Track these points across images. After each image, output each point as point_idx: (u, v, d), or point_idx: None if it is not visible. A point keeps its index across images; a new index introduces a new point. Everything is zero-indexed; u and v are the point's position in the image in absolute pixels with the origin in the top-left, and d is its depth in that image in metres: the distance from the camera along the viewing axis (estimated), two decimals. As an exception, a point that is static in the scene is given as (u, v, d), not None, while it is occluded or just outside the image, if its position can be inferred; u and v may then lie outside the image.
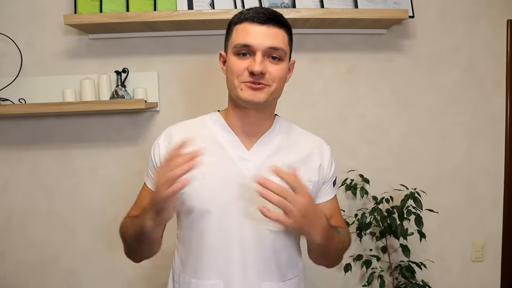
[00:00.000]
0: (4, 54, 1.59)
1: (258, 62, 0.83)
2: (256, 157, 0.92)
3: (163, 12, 1.44)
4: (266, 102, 0.88)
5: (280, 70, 0.87)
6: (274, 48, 0.85)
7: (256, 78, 0.85)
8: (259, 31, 0.85)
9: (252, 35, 0.85)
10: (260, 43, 0.84)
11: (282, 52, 0.87)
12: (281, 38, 0.87)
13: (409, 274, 1.58)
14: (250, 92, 0.85)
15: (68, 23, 1.44)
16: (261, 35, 0.85)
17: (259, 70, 0.83)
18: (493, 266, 1.78)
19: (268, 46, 0.85)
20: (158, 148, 0.96)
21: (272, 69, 0.86)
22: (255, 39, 0.84)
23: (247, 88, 0.86)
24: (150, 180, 0.98)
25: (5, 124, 1.64)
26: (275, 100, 0.95)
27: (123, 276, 1.68)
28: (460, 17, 1.69)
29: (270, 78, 0.86)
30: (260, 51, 0.85)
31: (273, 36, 0.85)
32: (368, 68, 1.68)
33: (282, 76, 0.89)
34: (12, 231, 1.66)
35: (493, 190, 1.76)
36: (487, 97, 1.73)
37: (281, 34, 0.87)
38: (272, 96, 0.88)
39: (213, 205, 0.88)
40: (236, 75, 0.86)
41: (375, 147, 1.71)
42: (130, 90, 1.58)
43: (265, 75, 0.85)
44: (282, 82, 0.90)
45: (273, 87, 0.87)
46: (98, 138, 1.65)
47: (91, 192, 1.66)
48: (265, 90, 0.86)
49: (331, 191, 1.01)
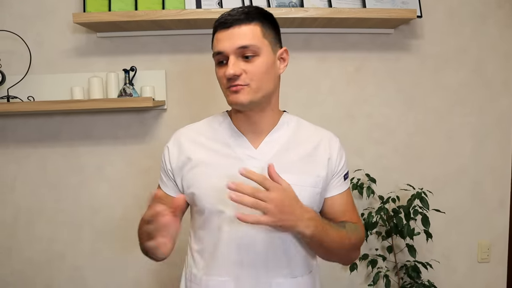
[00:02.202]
0: (13, 52, 1.60)
1: (230, 66, 0.84)
2: (263, 155, 0.92)
3: (171, 11, 1.44)
4: (252, 101, 0.87)
5: (257, 67, 0.86)
6: (243, 47, 0.84)
7: (231, 82, 0.85)
8: (227, 35, 0.85)
9: (221, 41, 0.86)
10: (229, 46, 0.85)
11: (254, 48, 0.85)
12: (250, 34, 0.85)
13: (415, 274, 1.57)
14: (233, 96, 0.86)
15: (77, 21, 1.45)
16: (228, 38, 0.85)
17: (230, 74, 0.84)
18: (500, 267, 1.77)
19: (236, 47, 0.84)
20: (168, 152, 0.98)
21: (248, 68, 0.85)
22: (224, 44, 0.85)
23: (230, 92, 0.87)
24: (162, 182, 1.01)
25: (14, 122, 1.65)
26: (268, 97, 0.92)
27: (131, 273, 1.68)
28: (468, 18, 1.69)
29: (247, 77, 0.85)
30: (232, 54, 0.85)
31: (241, 35, 0.85)
32: (375, 68, 1.68)
33: (261, 71, 0.86)
34: (19, 228, 1.67)
35: (499, 191, 1.75)
36: (495, 98, 1.72)
37: (250, 30, 0.85)
38: (258, 93, 0.87)
39: (225, 204, 0.88)
40: (221, 83, 0.89)
41: (381, 146, 1.71)
42: (138, 88, 1.59)
43: (240, 76, 0.85)
44: (266, 76, 0.87)
45: (254, 85, 0.86)
46: (105, 136, 1.66)
47: (97, 190, 1.67)
48: (245, 91, 0.86)
49: (342, 184, 0.98)
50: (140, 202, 1.64)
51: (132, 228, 1.66)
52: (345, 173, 1.00)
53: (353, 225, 0.95)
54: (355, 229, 0.94)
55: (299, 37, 1.65)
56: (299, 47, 1.65)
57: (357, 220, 0.99)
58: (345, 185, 0.99)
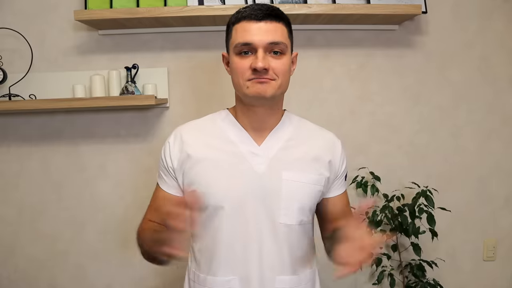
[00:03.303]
0: (14, 50, 1.59)
1: (261, 59, 0.83)
2: (267, 152, 0.92)
3: (173, 8, 1.43)
4: (274, 96, 0.88)
5: (283, 64, 0.87)
6: (274, 43, 0.85)
7: (260, 75, 0.85)
8: (258, 28, 0.85)
9: (252, 33, 0.85)
10: (260, 39, 0.84)
11: (283, 46, 0.86)
12: (280, 32, 0.86)
13: (419, 273, 1.56)
14: (258, 86, 0.85)
15: (78, 18, 1.44)
16: (260, 31, 0.84)
17: (262, 67, 0.83)
18: (506, 265, 1.75)
19: (268, 41, 0.84)
20: (169, 147, 0.96)
21: (275, 64, 0.86)
22: (255, 36, 0.84)
23: (254, 83, 0.85)
24: (162, 180, 0.98)
25: (16, 120, 1.64)
26: (282, 95, 0.94)
27: (134, 271, 1.68)
28: (473, 13, 1.66)
29: (274, 73, 0.86)
30: (261, 47, 0.84)
31: (273, 31, 0.85)
32: (379, 65, 1.66)
33: (286, 69, 0.88)
34: (22, 226, 1.67)
35: (505, 189, 1.73)
36: (500, 95, 1.70)
37: (280, 28, 0.87)
38: (279, 90, 0.88)
39: (226, 201, 0.88)
40: (240, 75, 0.87)
41: (386, 144, 1.69)
42: (140, 86, 1.58)
43: (268, 70, 0.85)
44: (287, 76, 0.90)
45: (279, 81, 0.87)
46: (107, 134, 1.65)
47: (100, 188, 1.66)
48: (271, 85, 0.86)
49: (343, 185, 1.02)
50: (143, 201, 1.61)
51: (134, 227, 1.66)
52: (345, 174, 1.03)
53: None
54: None
55: (302, 34, 1.63)
56: (302, 44, 1.63)
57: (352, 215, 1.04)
58: (344, 186, 1.03)
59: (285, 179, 0.90)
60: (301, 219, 0.91)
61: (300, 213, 0.91)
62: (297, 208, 0.90)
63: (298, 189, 0.90)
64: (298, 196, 0.91)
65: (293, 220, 0.90)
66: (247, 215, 0.88)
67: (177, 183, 0.95)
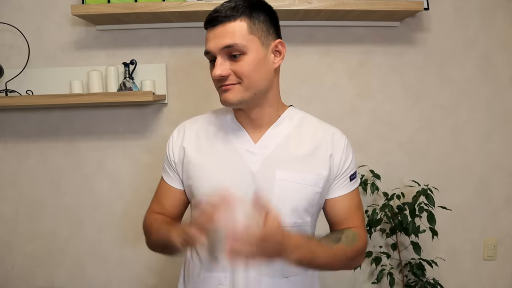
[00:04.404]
0: (11, 45, 1.58)
1: (217, 66, 0.82)
2: (262, 150, 0.90)
3: (172, 3, 1.41)
4: (242, 99, 0.84)
5: (244, 66, 0.82)
6: (227, 47, 0.81)
7: (221, 82, 0.84)
8: (213, 34, 0.83)
9: (208, 41, 0.84)
10: (214, 46, 0.82)
11: (239, 47, 0.81)
12: (236, 32, 0.81)
13: (419, 272, 1.55)
14: (223, 95, 0.85)
15: (75, 13, 1.42)
16: (215, 38, 0.82)
17: (217, 75, 0.82)
18: (506, 264, 1.74)
19: (222, 46, 0.82)
20: (172, 141, 0.98)
21: (235, 67, 0.82)
22: (211, 44, 0.83)
23: (221, 91, 0.85)
24: (166, 173, 1.00)
25: (13, 116, 1.63)
26: (263, 93, 0.88)
27: (131, 268, 1.67)
28: (476, 10, 1.64)
29: (235, 77, 0.83)
30: (218, 54, 0.83)
31: (225, 35, 0.81)
32: (380, 62, 1.65)
33: (250, 69, 0.83)
34: (20, 223, 1.66)
35: (506, 187, 1.72)
36: (502, 93, 1.68)
37: (236, 28, 0.82)
38: (249, 91, 0.84)
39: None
40: (214, 83, 0.88)
41: (386, 142, 1.67)
42: (138, 82, 1.56)
43: (228, 76, 0.83)
44: (256, 74, 0.84)
45: (245, 83, 0.83)
46: (105, 131, 1.64)
47: (98, 185, 1.65)
48: (235, 89, 0.84)
49: (347, 185, 0.93)
50: (141, 197, 1.62)
51: (132, 224, 1.66)
52: (352, 174, 0.94)
53: (352, 235, 0.89)
54: (352, 240, 0.88)
55: (302, 30, 1.61)
56: (302, 40, 1.62)
57: (359, 226, 0.93)
58: (349, 187, 0.94)
59: (279, 178, 0.87)
60: (294, 221, 0.87)
61: (294, 214, 0.87)
62: (289, 209, 0.87)
63: (292, 190, 0.87)
64: (291, 197, 0.87)
65: (285, 221, 0.85)
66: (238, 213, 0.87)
67: (178, 176, 0.96)
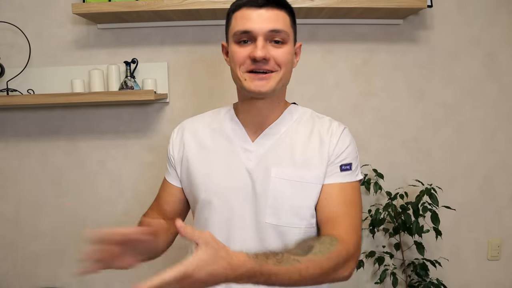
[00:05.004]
0: (12, 44, 1.57)
1: (260, 47, 0.79)
2: (259, 148, 0.89)
3: (173, 1, 1.40)
4: (275, 90, 0.84)
5: (285, 54, 0.82)
6: (275, 31, 0.80)
7: (259, 65, 0.80)
8: (258, 15, 0.80)
9: (251, 20, 0.80)
10: (260, 27, 0.80)
11: (285, 35, 0.82)
12: (282, 20, 0.82)
13: (423, 272, 1.54)
14: (257, 83, 0.81)
15: (76, 12, 1.42)
16: (261, 19, 0.80)
17: (261, 56, 0.79)
18: (510, 265, 1.72)
19: (268, 29, 0.80)
20: (172, 138, 0.98)
21: (276, 53, 0.81)
22: (255, 24, 0.80)
23: (252, 78, 0.81)
24: (167, 170, 1.01)
25: (14, 115, 1.62)
26: (284, 87, 0.90)
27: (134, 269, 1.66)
28: (480, 7, 1.62)
29: (275, 64, 0.82)
30: (261, 35, 0.80)
31: (273, 19, 0.80)
32: (383, 60, 1.63)
33: (288, 59, 0.84)
34: (21, 222, 1.65)
35: (510, 187, 1.70)
36: (506, 91, 1.66)
37: (282, 16, 0.82)
38: (281, 82, 0.84)
39: (216, 196, 0.88)
40: (238, 64, 0.83)
41: (389, 141, 1.66)
42: (139, 81, 1.55)
43: (269, 60, 0.80)
44: (289, 67, 0.85)
45: (280, 72, 0.83)
46: (106, 130, 1.63)
47: (99, 184, 1.64)
48: (272, 78, 0.82)
49: (336, 175, 0.85)
50: (143, 197, 1.61)
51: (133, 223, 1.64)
52: (344, 164, 0.86)
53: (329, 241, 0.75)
54: (330, 246, 0.73)
55: (304, 28, 1.60)
56: (304, 38, 1.60)
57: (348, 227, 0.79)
58: (339, 177, 0.85)
59: (274, 176, 0.84)
60: (294, 221, 0.84)
61: (292, 213, 0.84)
62: (288, 209, 0.84)
63: (289, 187, 0.84)
64: (288, 195, 0.84)
65: (282, 221, 0.83)
66: (234, 212, 0.86)
67: (176, 173, 0.97)
